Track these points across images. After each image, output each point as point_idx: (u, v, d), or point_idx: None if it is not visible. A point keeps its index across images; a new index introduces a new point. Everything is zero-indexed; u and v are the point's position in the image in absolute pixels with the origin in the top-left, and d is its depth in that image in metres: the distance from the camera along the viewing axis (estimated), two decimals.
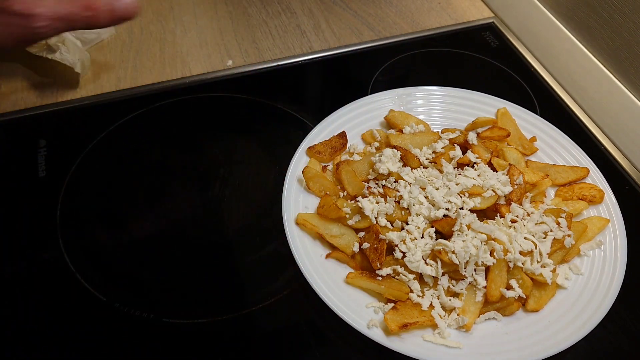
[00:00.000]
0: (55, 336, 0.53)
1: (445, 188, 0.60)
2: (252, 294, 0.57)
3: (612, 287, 0.56)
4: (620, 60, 0.75)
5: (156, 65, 0.82)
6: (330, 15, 0.93)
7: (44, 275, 0.57)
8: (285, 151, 0.67)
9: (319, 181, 0.63)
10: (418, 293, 0.55)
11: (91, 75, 0.79)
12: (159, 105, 0.76)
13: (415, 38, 0.90)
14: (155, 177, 0.68)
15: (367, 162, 0.65)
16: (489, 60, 0.87)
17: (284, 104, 0.77)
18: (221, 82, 0.80)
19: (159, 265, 0.59)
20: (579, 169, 0.66)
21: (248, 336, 0.54)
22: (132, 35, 0.86)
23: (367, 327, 0.52)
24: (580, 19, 0.80)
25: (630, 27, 0.72)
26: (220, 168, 0.69)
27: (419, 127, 0.69)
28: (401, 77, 0.83)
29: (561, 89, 0.83)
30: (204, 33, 0.88)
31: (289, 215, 0.59)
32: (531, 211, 0.60)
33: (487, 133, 0.69)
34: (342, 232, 0.59)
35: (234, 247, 0.61)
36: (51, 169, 0.67)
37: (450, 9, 0.97)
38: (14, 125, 0.72)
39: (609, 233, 0.61)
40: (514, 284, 0.55)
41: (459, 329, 0.53)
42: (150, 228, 0.63)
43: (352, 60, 0.86)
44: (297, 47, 0.87)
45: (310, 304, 0.55)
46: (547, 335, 0.53)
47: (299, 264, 0.55)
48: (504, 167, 0.64)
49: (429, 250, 0.56)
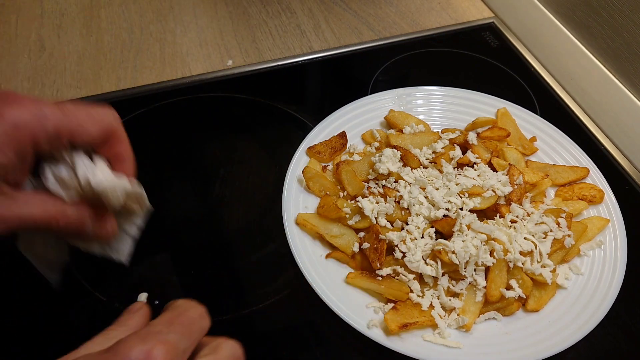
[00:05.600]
0: (55, 336, 0.53)
1: (445, 188, 0.60)
2: (252, 294, 0.57)
3: (612, 287, 0.56)
4: (620, 60, 0.75)
5: (156, 65, 0.82)
6: (330, 15, 0.93)
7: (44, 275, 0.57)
8: (285, 151, 0.67)
9: (319, 181, 0.63)
10: (418, 293, 0.55)
11: (91, 75, 0.79)
12: (159, 105, 0.76)
13: (415, 38, 0.90)
14: (155, 177, 0.68)
15: (367, 162, 0.65)
16: (489, 60, 0.87)
17: (284, 104, 0.77)
18: (221, 82, 0.80)
19: (158, 265, 0.59)
20: (579, 169, 0.66)
21: (248, 336, 0.54)
22: (132, 35, 0.87)
23: (367, 327, 0.52)
24: (580, 19, 0.80)
25: (630, 27, 0.72)
26: (220, 168, 0.69)
27: (419, 127, 0.69)
28: (401, 77, 0.83)
29: (561, 89, 0.83)
30: (204, 33, 0.88)
31: (289, 215, 0.59)
32: (531, 211, 0.60)
33: (487, 133, 0.69)
34: (342, 232, 0.59)
35: (234, 247, 0.61)
36: None
37: (450, 9, 0.97)
38: None
39: (609, 233, 0.61)
40: (514, 284, 0.55)
41: (459, 329, 0.53)
42: (150, 228, 0.63)
43: (352, 60, 0.86)
44: (297, 47, 0.87)
45: (310, 304, 0.55)
46: (547, 335, 0.53)
47: (299, 264, 0.55)
48: (504, 167, 0.64)
49: (429, 250, 0.56)
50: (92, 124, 0.38)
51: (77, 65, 0.81)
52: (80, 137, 0.38)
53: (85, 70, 0.80)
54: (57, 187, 0.38)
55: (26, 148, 0.35)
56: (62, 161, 0.39)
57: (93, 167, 0.39)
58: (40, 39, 0.84)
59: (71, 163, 0.39)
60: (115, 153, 0.41)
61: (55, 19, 0.88)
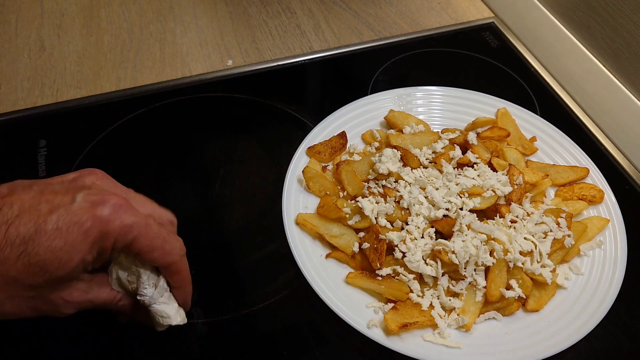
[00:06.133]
0: (54, 336, 0.53)
1: (445, 188, 0.60)
2: (252, 294, 0.57)
3: (612, 287, 0.56)
4: (620, 60, 0.75)
5: (156, 65, 0.82)
6: (330, 15, 0.93)
7: None
8: (285, 151, 0.67)
9: (319, 181, 0.63)
10: (418, 293, 0.55)
11: (91, 75, 0.79)
12: (159, 105, 0.76)
13: (415, 38, 0.90)
14: (155, 177, 0.68)
15: (367, 162, 0.65)
16: (489, 60, 0.87)
17: (284, 104, 0.77)
18: (221, 82, 0.80)
19: None
20: (579, 169, 0.66)
21: (248, 336, 0.54)
22: (132, 35, 0.87)
23: (367, 327, 0.52)
24: (580, 19, 0.80)
25: (630, 27, 0.72)
26: (220, 168, 0.69)
27: (419, 127, 0.69)
28: (401, 77, 0.83)
29: (561, 89, 0.83)
30: (204, 33, 0.88)
31: (289, 215, 0.59)
32: (531, 211, 0.60)
33: (487, 133, 0.69)
34: (342, 232, 0.59)
35: (234, 247, 0.61)
36: (51, 169, 0.67)
37: (450, 9, 0.97)
38: (14, 125, 0.72)
39: (609, 233, 0.61)
40: (514, 284, 0.55)
41: (459, 329, 0.53)
42: None
43: (352, 60, 0.86)
44: (297, 47, 0.87)
45: (310, 304, 0.55)
46: (547, 335, 0.53)
47: (299, 264, 0.55)
48: (504, 167, 0.64)
49: (429, 250, 0.56)
50: (163, 254, 0.43)
51: (77, 65, 0.81)
52: (147, 259, 0.43)
53: (85, 70, 0.80)
54: (118, 287, 0.45)
55: (107, 251, 0.40)
56: (127, 266, 0.44)
57: (153, 290, 0.45)
58: (40, 39, 0.84)
59: (136, 272, 0.44)
60: (172, 279, 0.46)
61: (55, 19, 0.88)
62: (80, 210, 0.38)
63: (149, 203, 0.46)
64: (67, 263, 0.38)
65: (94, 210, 0.38)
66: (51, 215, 0.37)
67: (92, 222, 0.38)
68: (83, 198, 0.39)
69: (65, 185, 0.41)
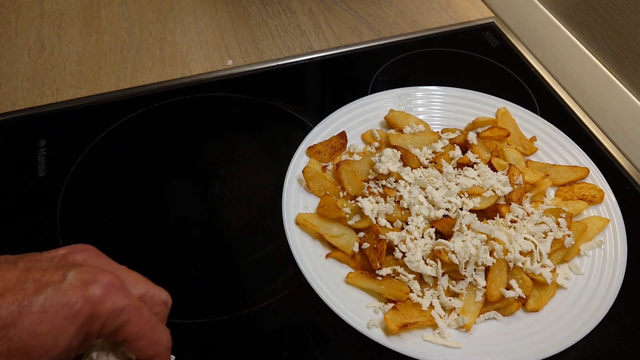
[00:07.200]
0: None
1: (445, 188, 0.60)
2: (252, 294, 0.57)
3: (612, 287, 0.56)
4: (620, 60, 0.75)
5: (156, 65, 0.82)
6: (330, 15, 0.93)
7: None
8: (285, 151, 0.67)
9: (319, 181, 0.63)
10: (418, 293, 0.55)
11: (91, 75, 0.79)
12: (159, 105, 0.76)
13: (415, 38, 0.90)
14: (155, 177, 0.68)
15: (367, 162, 0.65)
16: (489, 60, 0.87)
17: (284, 104, 0.77)
18: (221, 82, 0.80)
19: (158, 265, 0.59)
20: (579, 169, 0.66)
21: (248, 336, 0.54)
22: (132, 35, 0.87)
23: (367, 327, 0.52)
24: (580, 19, 0.80)
25: (630, 27, 0.72)
26: (220, 168, 0.69)
27: (419, 127, 0.69)
28: (401, 77, 0.83)
29: (561, 89, 0.83)
30: (204, 33, 0.88)
31: (289, 215, 0.59)
32: (531, 211, 0.60)
33: (487, 133, 0.69)
34: (342, 232, 0.59)
35: (234, 247, 0.61)
36: (51, 169, 0.67)
37: (450, 9, 0.97)
38: (14, 125, 0.72)
39: (609, 233, 0.61)
40: (514, 284, 0.55)
41: (459, 329, 0.53)
42: (150, 228, 0.63)
43: (352, 60, 0.86)
44: (297, 47, 0.87)
45: (310, 304, 0.55)
46: (547, 335, 0.53)
47: (299, 264, 0.55)
48: (504, 167, 0.64)
49: (429, 250, 0.56)
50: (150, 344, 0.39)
51: (77, 65, 0.81)
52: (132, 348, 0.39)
53: (85, 70, 0.80)
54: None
55: (93, 335, 0.37)
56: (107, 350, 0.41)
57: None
58: (40, 39, 0.84)
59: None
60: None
61: (55, 19, 0.88)
62: (71, 290, 0.35)
63: (142, 281, 0.43)
64: (52, 349, 0.34)
65: (85, 290, 0.35)
66: (38, 295, 0.34)
67: (82, 304, 0.35)
68: (74, 276, 0.36)
69: (55, 262, 0.38)
